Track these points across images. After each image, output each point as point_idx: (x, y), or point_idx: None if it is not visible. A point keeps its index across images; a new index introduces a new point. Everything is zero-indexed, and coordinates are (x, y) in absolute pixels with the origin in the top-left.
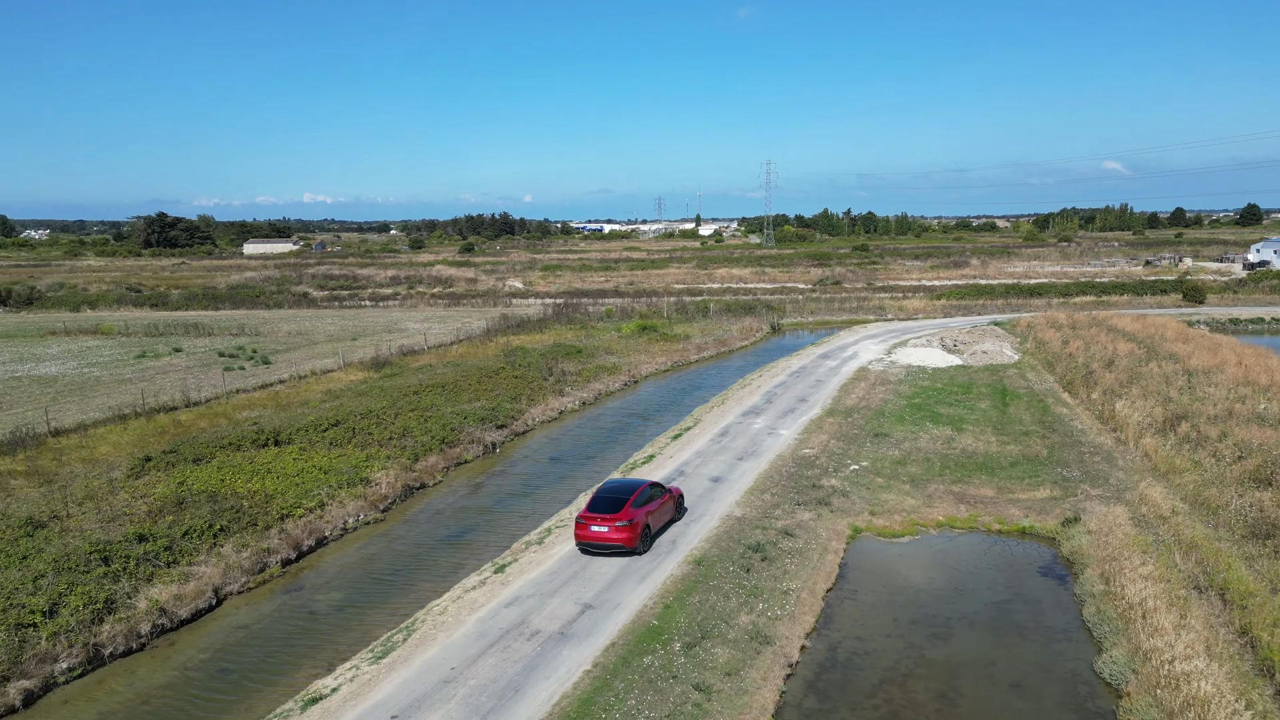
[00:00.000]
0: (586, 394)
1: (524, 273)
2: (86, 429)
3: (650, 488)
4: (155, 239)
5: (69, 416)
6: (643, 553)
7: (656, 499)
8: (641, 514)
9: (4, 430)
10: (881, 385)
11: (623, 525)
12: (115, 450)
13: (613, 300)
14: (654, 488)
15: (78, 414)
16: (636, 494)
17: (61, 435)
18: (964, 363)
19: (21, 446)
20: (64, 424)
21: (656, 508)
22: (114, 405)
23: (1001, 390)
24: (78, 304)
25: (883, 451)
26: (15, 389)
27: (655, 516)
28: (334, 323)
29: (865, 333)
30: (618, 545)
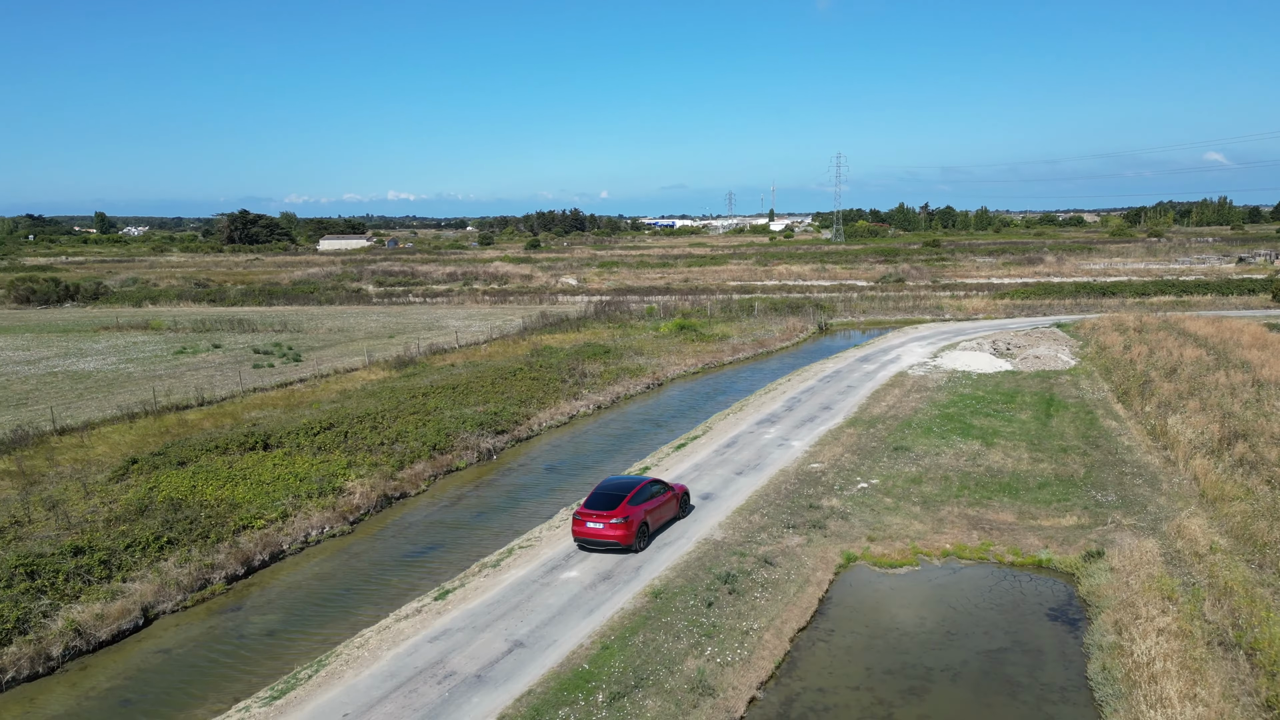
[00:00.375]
0: (603, 397)
1: (580, 269)
2: (94, 427)
3: (651, 485)
4: (238, 235)
5: (87, 413)
6: (639, 550)
7: (657, 496)
8: (638, 512)
9: (12, 426)
10: (917, 392)
11: (618, 523)
12: (111, 451)
13: (662, 298)
14: (655, 485)
15: (96, 411)
16: (634, 491)
17: (67, 434)
18: (1013, 368)
19: (21, 445)
20: (72, 422)
21: (656, 505)
22: (130, 403)
23: (1048, 400)
24: (140, 299)
25: (898, 468)
26: (48, 384)
27: (655, 514)
28: (378, 319)
29: (916, 334)
30: (612, 542)
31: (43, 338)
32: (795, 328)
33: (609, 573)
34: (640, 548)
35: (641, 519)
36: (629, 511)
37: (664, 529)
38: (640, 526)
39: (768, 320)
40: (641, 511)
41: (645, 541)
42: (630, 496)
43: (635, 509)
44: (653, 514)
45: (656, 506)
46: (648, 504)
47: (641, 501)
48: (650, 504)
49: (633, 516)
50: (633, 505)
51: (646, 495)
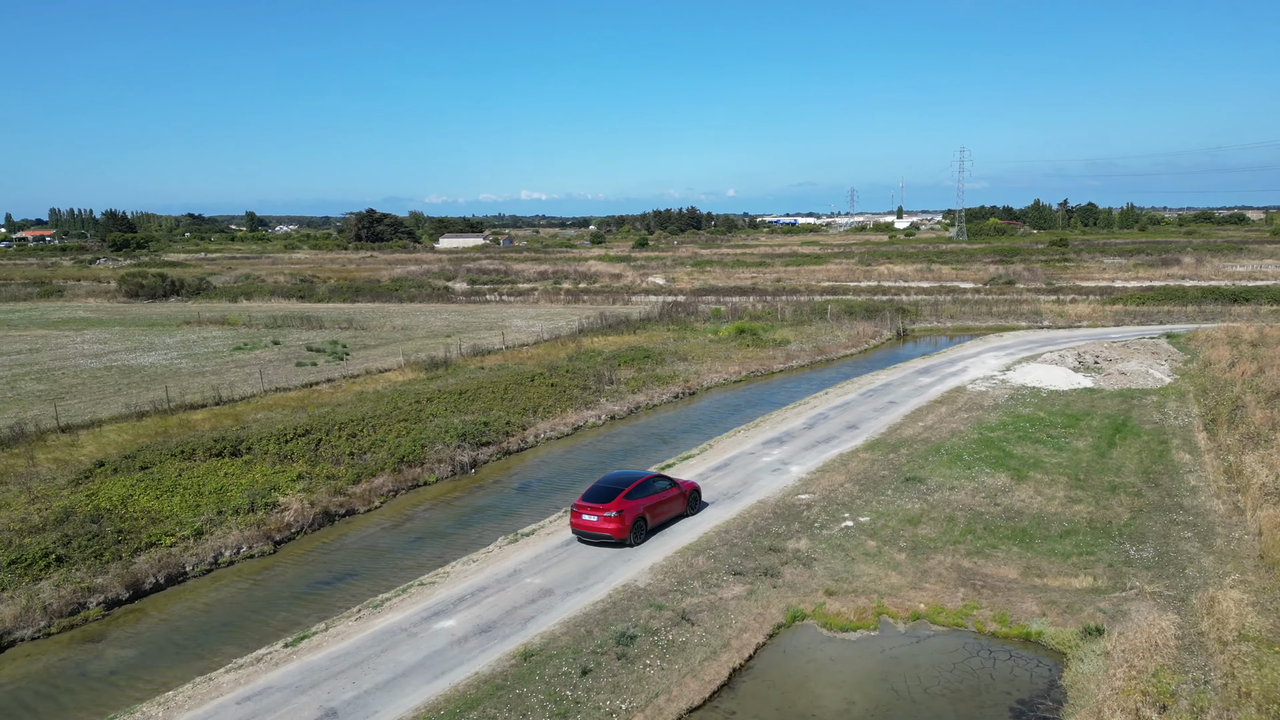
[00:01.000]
0: (621, 406)
1: (673, 269)
2: (99, 425)
3: (655, 480)
4: (364, 234)
5: (114, 409)
6: (634, 544)
7: (659, 492)
8: (635, 506)
9: (30, 420)
10: (966, 411)
11: (611, 516)
12: (98, 450)
13: (740, 298)
14: (658, 480)
15: (123, 407)
16: (633, 486)
17: (70, 431)
18: (1093, 385)
19: (17, 442)
20: (79, 419)
21: (656, 501)
22: (155, 399)
23: (1119, 424)
24: (238, 294)
25: (899, 504)
26: (97, 378)
27: (655, 510)
28: (446, 318)
29: (999, 342)
30: (606, 535)
31: (127, 331)
32: (866, 334)
33: (490, 624)
34: (634, 542)
35: (638, 514)
36: (624, 505)
37: (667, 525)
38: (636, 521)
39: (839, 325)
40: (640, 506)
41: (642, 537)
42: (628, 491)
43: (632, 503)
44: (653, 510)
45: (657, 502)
46: (647, 499)
47: (640, 496)
48: (650, 499)
49: (627, 510)
50: (630, 499)
51: (647, 490)
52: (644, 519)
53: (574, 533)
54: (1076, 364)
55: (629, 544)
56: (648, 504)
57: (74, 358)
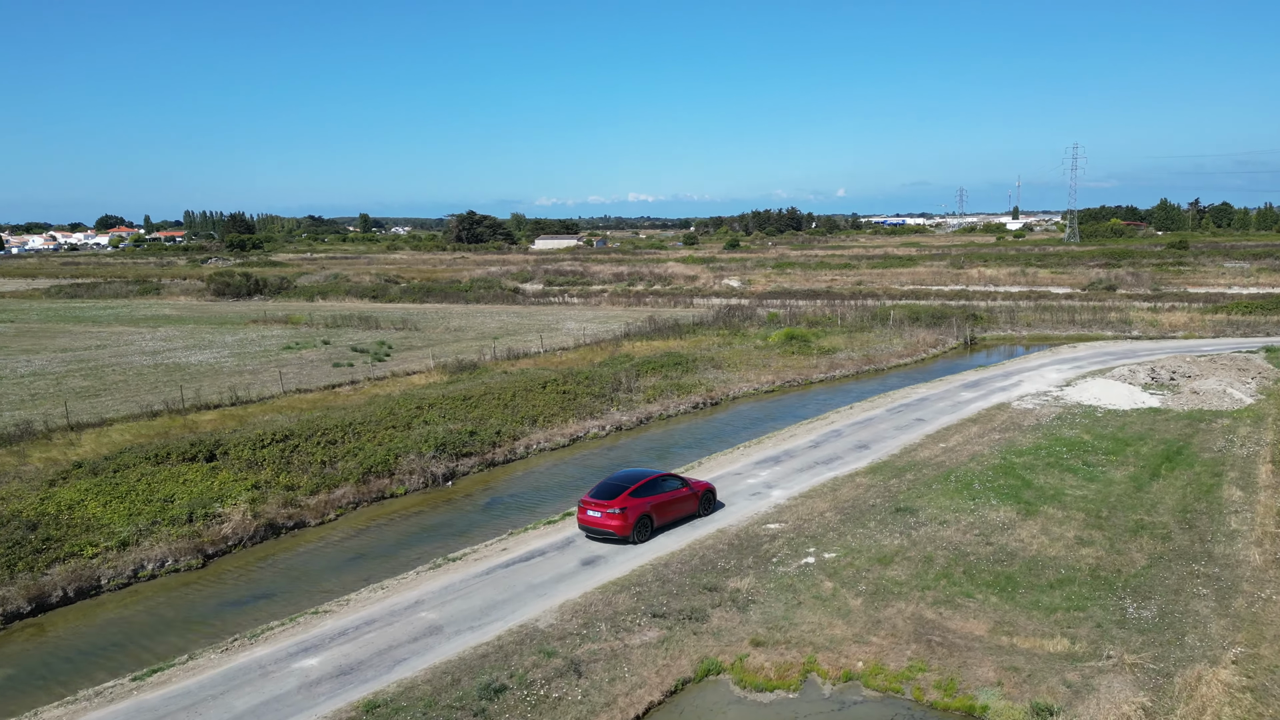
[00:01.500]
0: (630, 416)
1: (753, 271)
2: (110, 424)
3: (664, 479)
4: (464, 235)
5: (132, 408)
6: (637, 542)
7: (667, 491)
8: (640, 504)
9: (40, 418)
10: (1001, 431)
11: (614, 513)
12: (92, 451)
13: (809, 302)
14: (668, 479)
15: (135, 407)
16: (640, 484)
17: (79, 429)
18: (1160, 405)
19: (20, 440)
20: (99, 417)
21: (664, 500)
22: (176, 399)
23: (1174, 451)
24: (314, 294)
25: (878, 538)
26: (141, 375)
27: (662, 509)
28: (503, 319)
29: (1072, 354)
30: (609, 532)
31: (197, 329)
32: (926, 342)
33: (354, 665)
34: (638, 540)
35: (642, 511)
36: (628, 503)
37: (677, 524)
38: (640, 519)
39: (900, 332)
40: (645, 504)
41: (646, 535)
42: (634, 489)
43: (637, 501)
44: (659, 509)
45: (664, 501)
46: (654, 498)
47: (646, 495)
48: (657, 498)
49: (630, 508)
50: (635, 497)
51: (655, 489)
52: (649, 517)
53: (580, 528)
54: (1148, 380)
55: (632, 541)
56: (654, 502)
57: (132, 355)
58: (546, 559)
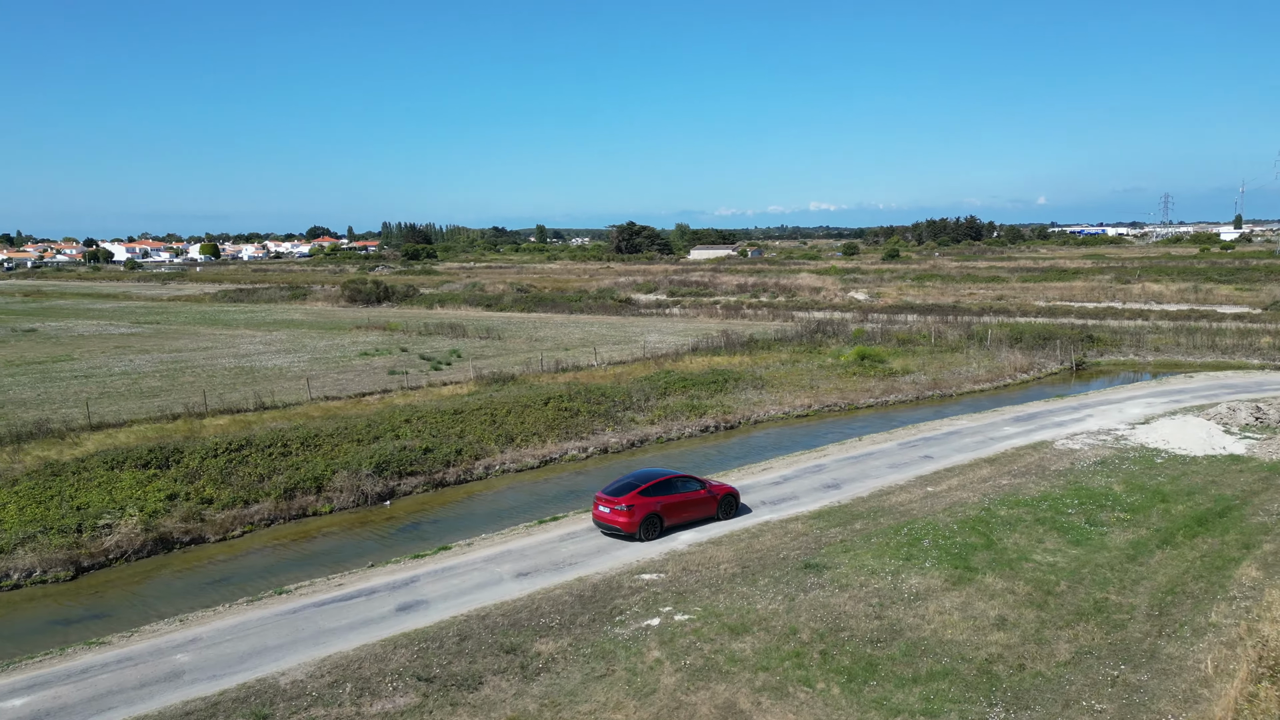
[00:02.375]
0: (622, 438)
1: (888, 282)
2: (127, 425)
3: (678, 480)
4: (624, 245)
5: (161, 409)
6: (644, 539)
7: (681, 492)
8: (649, 503)
9: (48, 418)
10: (1014, 476)
11: (622, 509)
12: (89, 451)
13: (921, 318)
14: (684, 481)
15: (154, 410)
16: (652, 483)
17: (97, 429)
18: (1245, 452)
19: (35, 437)
20: (111, 420)
21: (676, 500)
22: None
23: (1217, 513)
24: (433, 302)
25: (754, 600)
26: (213, 378)
27: (673, 509)
28: (594, 329)
29: (1183, 384)
30: (617, 528)
31: (305, 333)
32: (1015, 366)
33: (51, 711)
34: (645, 538)
35: (651, 510)
36: (636, 501)
37: (692, 526)
38: (648, 518)
39: (992, 353)
40: (655, 503)
41: (652, 533)
42: (644, 488)
43: (646, 500)
44: (671, 509)
45: (678, 502)
46: (666, 498)
47: (658, 494)
48: (670, 498)
49: (639, 506)
50: (645, 496)
51: (668, 489)
52: (658, 516)
53: (595, 524)
54: (1249, 420)
55: (638, 538)
56: (665, 502)
57: (225, 357)
58: (370, 600)
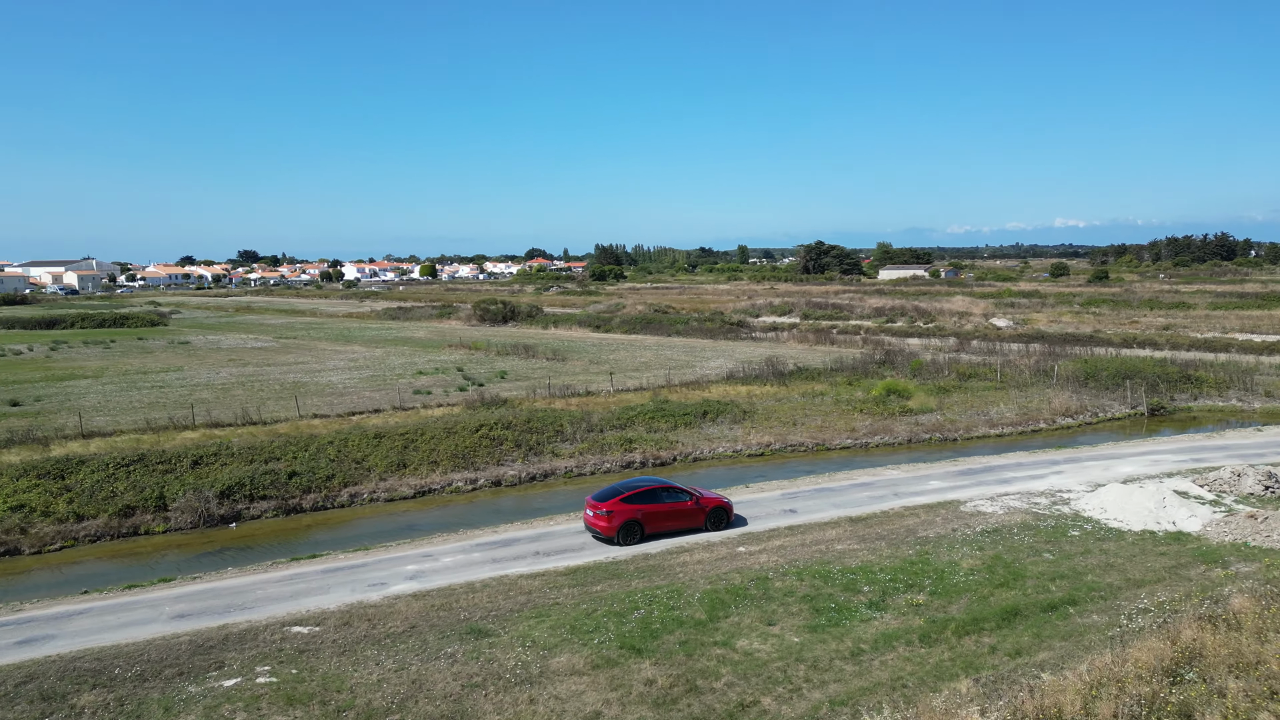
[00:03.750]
0: (527, 471)
1: (1053, 307)
2: (116, 434)
3: (664, 490)
4: (811, 265)
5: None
6: (621, 544)
7: (665, 502)
8: (630, 510)
9: (41, 425)
10: (858, 542)
11: (602, 514)
12: (44, 459)
13: (1027, 346)
14: (670, 491)
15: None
16: (635, 491)
17: (87, 438)
18: (1197, 530)
19: (20, 443)
20: (107, 428)
21: (658, 509)
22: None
23: (1046, 607)
24: (548, 323)
25: (352, 668)
26: (259, 392)
27: (655, 518)
28: (659, 353)
29: (1243, 440)
30: (599, 532)
31: (399, 350)
32: (1063, 409)
33: None
34: (623, 542)
35: (630, 517)
36: (617, 508)
37: (677, 535)
38: (627, 524)
39: (1048, 392)
40: (635, 511)
41: (631, 539)
42: (627, 495)
43: (627, 507)
44: (653, 518)
45: (658, 511)
46: (647, 506)
47: (641, 502)
48: (653, 507)
49: (618, 513)
50: (626, 503)
51: (652, 498)
52: (638, 524)
53: (585, 527)
54: (1257, 488)
55: (616, 542)
56: (647, 511)
57: (291, 373)
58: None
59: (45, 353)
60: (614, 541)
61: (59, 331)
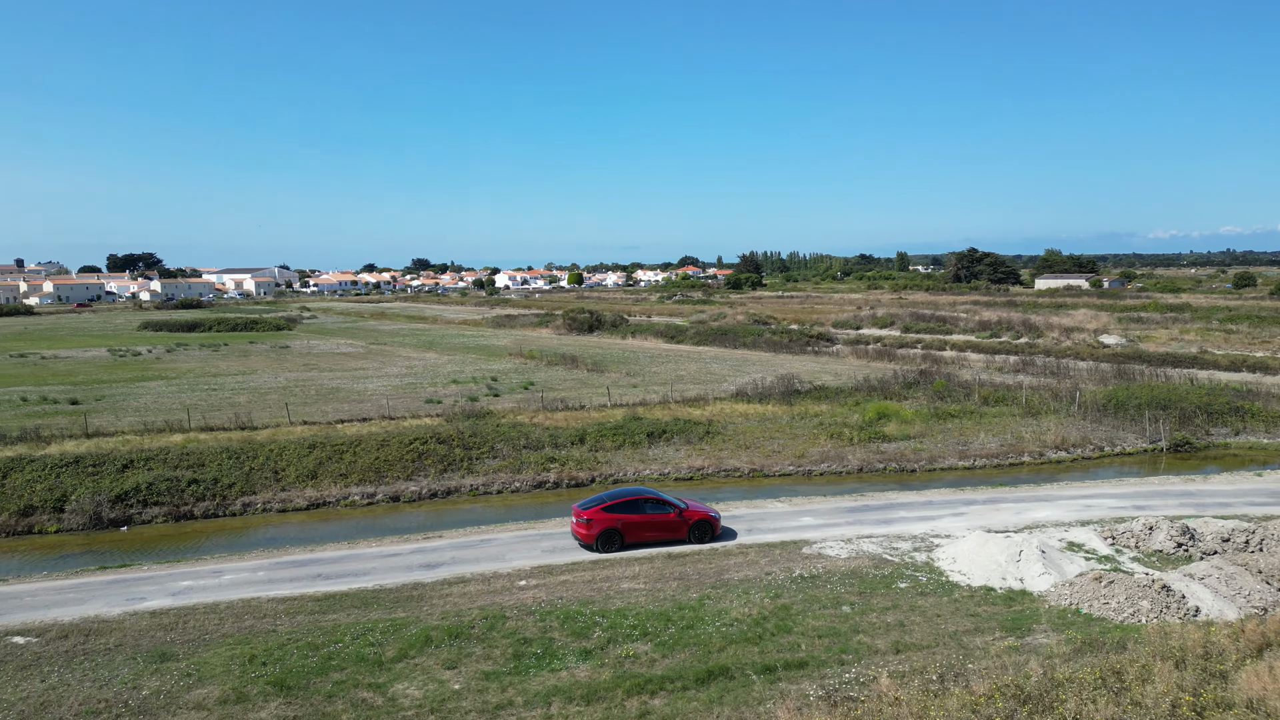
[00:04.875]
0: (424, 487)
1: (1189, 325)
2: (117, 434)
3: (647, 501)
4: (963, 273)
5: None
6: (601, 552)
7: (647, 513)
8: (610, 519)
9: (42, 425)
10: (637, 582)
11: (583, 522)
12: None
13: (1096, 366)
14: (654, 503)
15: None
16: (617, 501)
17: (90, 437)
18: (1041, 589)
19: (23, 440)
20: (109, 428)
21: (638, 520)
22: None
23: (769, 668)
24: (626, 333)
25: None
26: (308, 394)
27: (635, 528)
28: (707, 366)
29: (1220, 487)
30: (580, 538)
31: (459, 358)
32: (1060, 441)
33: None
34: (601, 550)
35: (609, 526)
36: (596, 516)
37: (659, 546)
38: (606, 532)
39: (1054, 421)
40: (615, 520)
41: (609, 547)
42: (608, 505)
43: (607, 516)
44: (633, 527)
45: (639, 521)
46: (627, 516)
47: (620, 512)
48: (631, 517)
49: (597, 521)
50: (606, 512)
51: (631, 509)
52: (616, 533)
53: (571, 534)
54: (1167, 545)
55: (595, 549)
56: (625, 520)
57: (337, 380)
58: None
59: (160, 354)
60: (594, 548)
61: (197, 334)
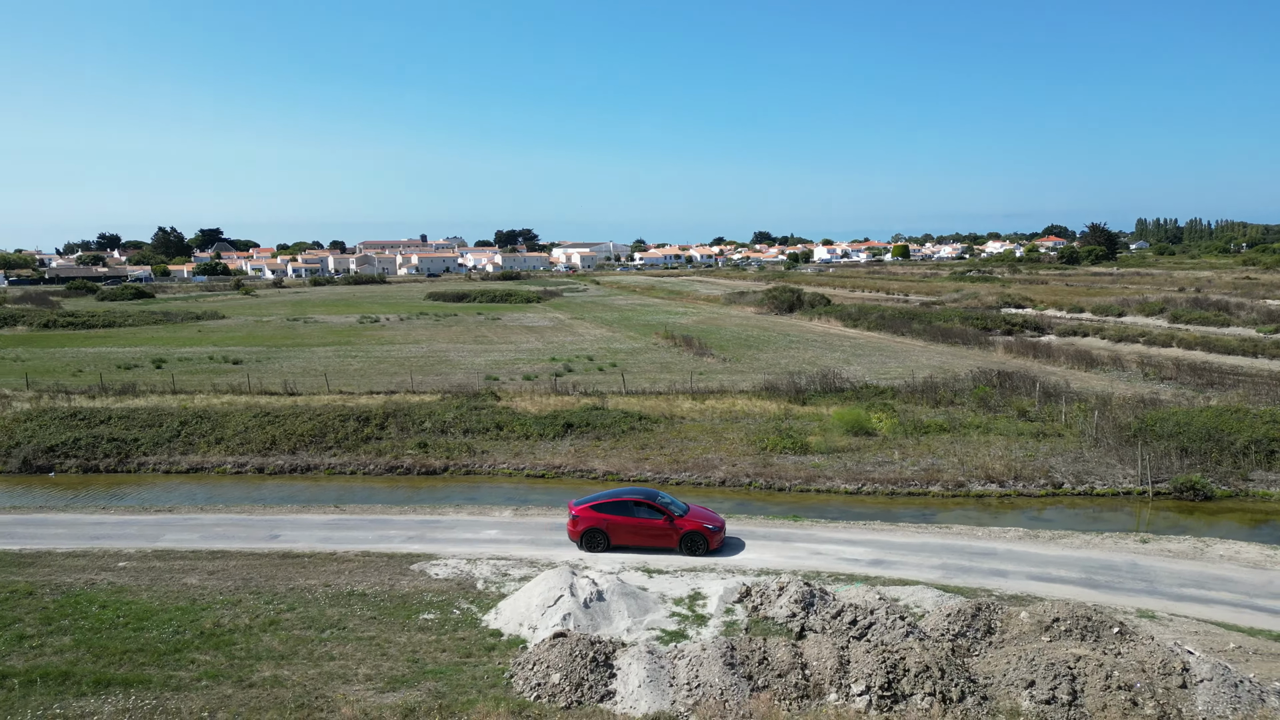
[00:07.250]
0: (290, 462)
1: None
2: (142, 395)
3: (638, 504)
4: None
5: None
6: (585, 550)
7: (635, 517)
8: (596, 519)
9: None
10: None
11: (571, 518)
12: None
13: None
14: (646, 508)
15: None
16: (606, 501)
17: (176, 394)
18: (553, 628)
19: (117, 393)
20: (187, 385)
21: (625, 523)
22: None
23: None
24: (814, 315)
25: None
26: (383, 365)
27: (620, 530)
28: (816, 352)
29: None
30: (569, 534)
31: (611, 332)
32: (1007, 471)
33: None
34: (586, 549)
35: (594, 525)
36: (584, 514)
37: (649, 553)
38: (590, 532)
39: (1048, 446)
40: (601, 521)
41: (593, 547)
42: (597, 504)
43: (593, 515)
44: (619, 530)
45: (626, 524)
46: (615, 518)
47: (610, 513)
48: (619, 519)
49: (583, 520)
50: (596, 512)
51: (620, 510)
52: (601, 534)
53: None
54: (789, 610)
55: (580, 547)
56: (611, 522)
57: (464, 353)
58: None
59: (394, 323)
60: (579, 546)
61: (463, 304)
